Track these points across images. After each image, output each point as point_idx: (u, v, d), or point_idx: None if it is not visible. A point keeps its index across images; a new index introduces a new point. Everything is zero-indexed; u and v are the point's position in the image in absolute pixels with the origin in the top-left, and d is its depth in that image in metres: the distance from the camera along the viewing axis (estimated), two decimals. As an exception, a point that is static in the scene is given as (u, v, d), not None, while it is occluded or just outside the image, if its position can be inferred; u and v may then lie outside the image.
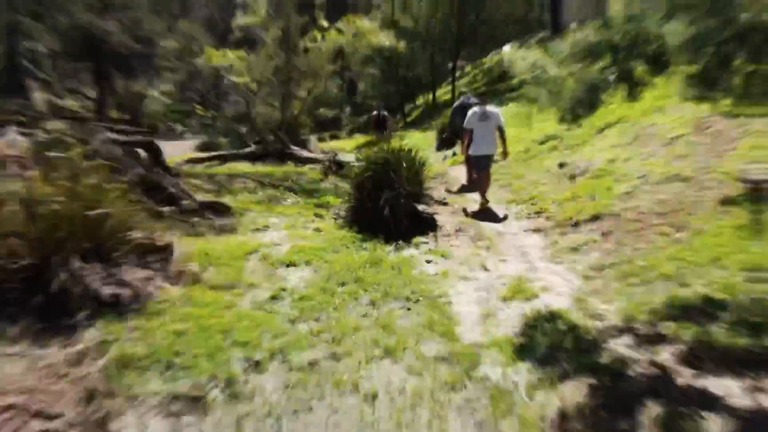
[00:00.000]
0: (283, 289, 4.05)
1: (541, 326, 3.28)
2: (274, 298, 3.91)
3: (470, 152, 6.64)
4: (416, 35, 17.37)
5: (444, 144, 10.70)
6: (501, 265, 4.45)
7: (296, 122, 13.46)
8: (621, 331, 3.16)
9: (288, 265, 4.52)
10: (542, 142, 7.93)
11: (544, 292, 3.83)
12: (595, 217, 4.89)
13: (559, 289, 3.86)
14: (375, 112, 11.69)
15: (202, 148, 13.75)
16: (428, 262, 4.67)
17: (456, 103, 8.39)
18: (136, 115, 28.69)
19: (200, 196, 6.00)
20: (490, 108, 6.65)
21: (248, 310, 3.68)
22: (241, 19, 13.33)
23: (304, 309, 3.72)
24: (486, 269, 4.38)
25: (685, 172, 5.03)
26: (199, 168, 9.58)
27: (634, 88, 2.90)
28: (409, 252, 4.96)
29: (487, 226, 5.48)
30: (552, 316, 3.39)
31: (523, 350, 3.05)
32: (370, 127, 12.56)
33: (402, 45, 12.89)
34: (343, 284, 4.16)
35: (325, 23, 12.69)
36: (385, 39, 12.33)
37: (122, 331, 3.26)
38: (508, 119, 11.51)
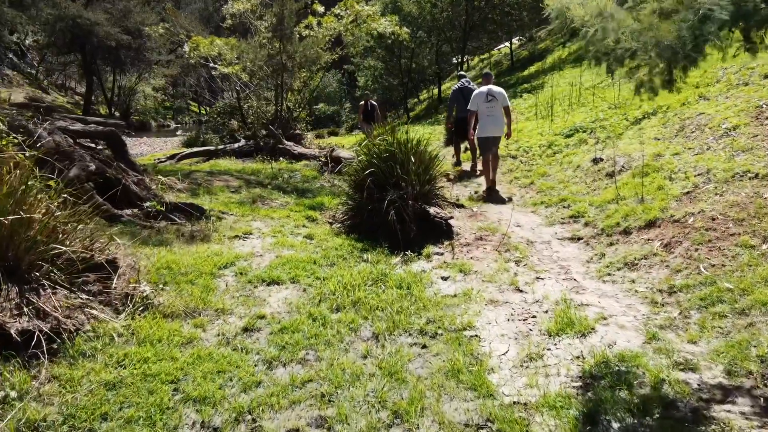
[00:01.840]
0: (261, 317, 3.16)
1: (610, 378, 2.37)
2: (247, 329, 3.01)
3: (476, 134, 6.32)
4: (421, 22, 16.36)
5: (452, 139, 9.79)
6: (537, 284, 3.54)
7: (291, 116, 12.53)
8: (727, 389, 2.25)
9: (270, 283, 3.62)
10: (568, 135, 7.01)
11: (602, 323, 2.93)
12: (651, 224, 3.98)
13: (620, 320, 2.96)
14: (363, 102, 11.02)
15: (188, 143, 12.84)
16: (444, 279, 3.76)
17: (454, 86, 7.66)
18: (127, 110, 27.82)
19: (171, 197, 5.09)
20: (495, 87, 6.28)
21: (212, 348, 2.78)
22: (232, 6, 12.34)
23: (286, 346, 2.83)
24: (519, 289, 3.47)
25: (755, 168, 4.12)
26: (180, 164, 8.68)
27: (755, 34, 1.97)
28: (419, 265, 4.06)
29: (515, 234, 4.57)
30: (622, 362, 2.48)
31: (590, 417, 2.15)
32: (358, 118, 11.86)
33: (405, 31, 11.91)
34: (337, 309, 3.27)
35: (321, 9, 11.76)
36: (388, 24, 11.39)
37: (31, 383, 2.37)
38: (524, 111, 10.65)
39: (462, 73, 8.55)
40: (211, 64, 12.15)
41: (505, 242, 4.30)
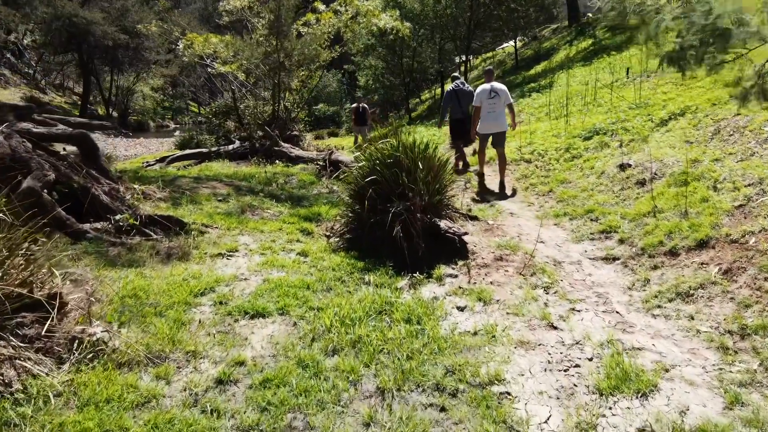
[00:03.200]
0: (240, 363, 2.59)
1: (690, 464, 1.79)
2: (222, 381, 2.43)
3: (478, 130, 6.32)
4: (423, 19, 15.76)
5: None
6: (573, 318, 2.96)
7: (289, 116, 11.96)
8: None
9: (253, 316, 3.04)
10: (587, 138, 6.42)
11: (664, 377, 2.34)
12: (702, 244, 3.40)
13: (686, 372, 2.37)
14: (355, 105, 10.78)
15: (182, 145, 12.30)
16: (461, 309, 3.19)
17: (448, 88, 7.35)
18: (125, 110, 27.33)
19: (148, 207, 4.52)
20: (497, 84, 6.28)
21: (174, 410, 2.21)
22: (228, 2, 11.78)
23: (268, 406, 2.25)
24: (552, 326, 2.89)
25: (822, 177, 3.54)
26: (169, 168, 8.11)
27: None
28: (429, 290, 3.48)
29: (539, 252, 3.98)
30: (703, 440, 1.90)
31: None
32: (350, 121, 11.62)
33: (407, 26, 11.32)
34: (334, 352, 2.69)
35: (322, 7, 11.19)
36: (388, 19, 10.80)
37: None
38: (534, 111, 10.07)
39: (456, 74, 8.03)
40: (209, 61, 11.61)
41: (529, 263, 3.72)
